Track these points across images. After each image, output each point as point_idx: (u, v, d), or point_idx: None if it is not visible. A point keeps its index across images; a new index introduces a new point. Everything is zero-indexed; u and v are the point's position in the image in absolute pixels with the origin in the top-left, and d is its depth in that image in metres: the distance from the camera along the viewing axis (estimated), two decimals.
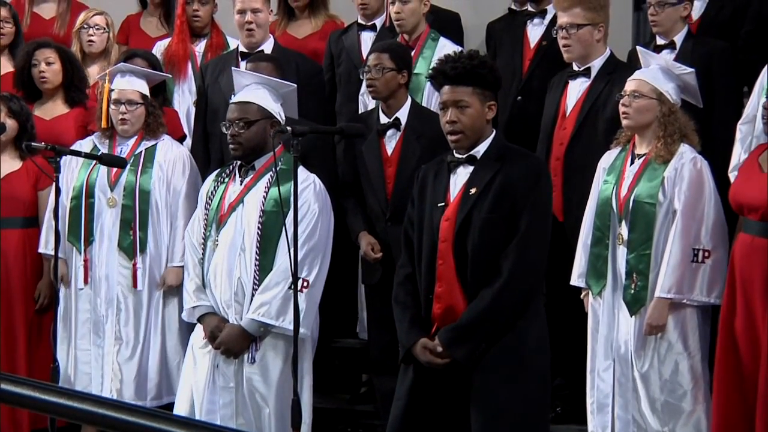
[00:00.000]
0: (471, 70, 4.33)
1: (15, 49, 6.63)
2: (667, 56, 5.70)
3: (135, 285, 5.69)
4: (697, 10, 6.01)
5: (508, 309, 4.29)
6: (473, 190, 4.33)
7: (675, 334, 5.01)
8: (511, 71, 6.16)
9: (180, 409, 5.07)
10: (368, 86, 5.65)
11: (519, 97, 6.09)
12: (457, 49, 6.05)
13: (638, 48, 5.35)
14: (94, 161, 5.61)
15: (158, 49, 6.70)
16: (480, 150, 4.38)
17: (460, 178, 4.40)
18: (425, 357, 4.34)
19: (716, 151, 5.49)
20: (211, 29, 6.74)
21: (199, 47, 6.69)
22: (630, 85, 5.12)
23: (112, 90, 5.77)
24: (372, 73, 5.59)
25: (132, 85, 5.80)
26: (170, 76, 6.39)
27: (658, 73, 5.12)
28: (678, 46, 5.74)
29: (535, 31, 6.23)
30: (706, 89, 5.59)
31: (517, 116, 6.03)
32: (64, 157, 5.42)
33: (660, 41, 5.79)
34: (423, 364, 4.35)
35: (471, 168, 4.38)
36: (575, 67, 5.68)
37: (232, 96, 5.32)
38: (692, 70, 5.21)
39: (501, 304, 4.26)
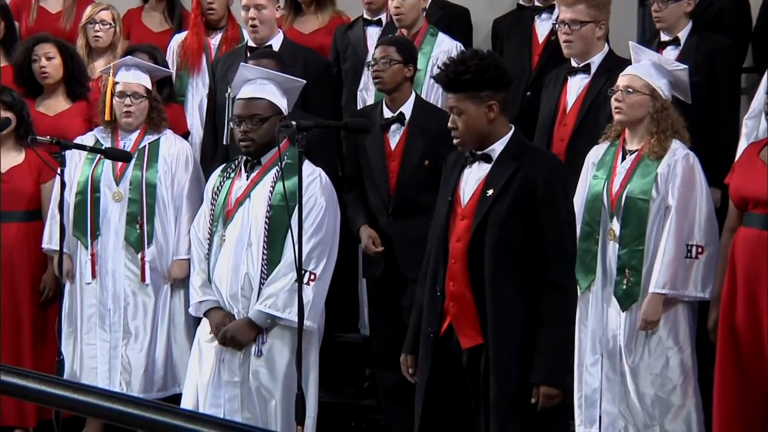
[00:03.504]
0: (456, 78, 4.28)
1: (10, 44, 6.63)
2: (672, 52, 5.71)
3: (143, 279, 5.72)
4: None
5: (574, 316, 4.39)
6: (490, 191, 4.26)
7: (665, 329, 5.02)
8: (520, 67, 6.16)
9: (187, 404, 5.08)
10: (375, 78, 5.65)
11: (528, 93, 6.10)
12: (455, 45, 6.10)
13: (630, 43, 5.35)
14: (98, 156, 5.63)
15: (175, 41, 6.71)
16: (496, 149, 4.31)
17: (473, 174, 4.35)
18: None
19: (720, 147, 5.51)
20: (227, 22, 6.73)
21: (215, 40, 6.68)
22: (623, 81, 5.11)
23: (117, 83, 5.79)
24: (379, 65, 5.60)
25: (137, 78, 5.81)
26: (172, 71, 6.39)
27: (651, 69, 5.11)
28: (682, 42, 5.73)
29: (543, 27, 6.24)
30: (709, 85, 5.61)
31: (527, 111, 6.02)
32: (68, 152, 5.43)
33: (664, 37, 5.79)
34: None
35: (486, 166, 4.32)
36: (574, 64, 5.67)
37: (229, 89, 5.30)
38: (685, 66, 5.22)
39: (570, 316, 4.33)
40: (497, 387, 4.21)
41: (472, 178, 4.35)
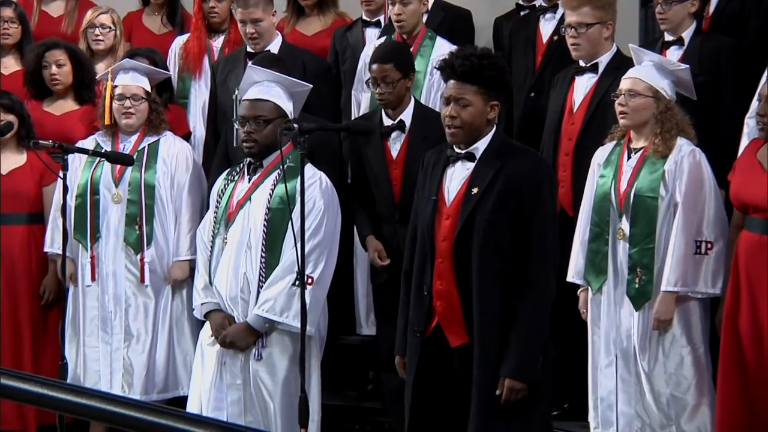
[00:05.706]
0: (479, 70, 4.32)
1: (23, 48, 6.63)
2: (676, 53, 5.70)
3: (142, 280, 5.71)
4: (712, 4, 5.99)
5: (547, 313, 4.37)
6: (475, 190, 4.32)
7: (679, 328, 5.00)
8: (524, 68, 6.15)
9: (192, 407, 5.09)
10: (380, 100, 5.58)
11: (532, 94, 6.09)
12: (455, 48, 6.07)
13: (630, 46, 5.34)
14: (98, 159, 5.62)
15: (177, 44, 6.71)
16: (479, 147, 4.37)
17: (457, 173, 4.40)
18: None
19: (724, 147, 5.49)
20: (230, 24, 6.70)
21: (217, 42, 6.67)
22: (625, 84, 5.10)
23: (115, 86, 5.79)
24: (381, 87, 5.53)
25: (135, 81, 5.81)
26: (171, 74, 6.38)
27: (653, 71, 5.10)
28: (686, 42, 5.71)
29: (547, 27, 6.22)
30: (713, 85, 5.59)
31: (531, 112, 6.03)
32: (70, 155, 5.42)
33: (668, 38, 5.78)
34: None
35: (469, 164, 4.37)
36: (582, 63, 5.67)
37: (236, 90, 5.29)
38: (686, 66, 5.22)
39: (542, 313, 4.33)
40: (479, 384, 4.27)
41: (456, 177, 4.40)
